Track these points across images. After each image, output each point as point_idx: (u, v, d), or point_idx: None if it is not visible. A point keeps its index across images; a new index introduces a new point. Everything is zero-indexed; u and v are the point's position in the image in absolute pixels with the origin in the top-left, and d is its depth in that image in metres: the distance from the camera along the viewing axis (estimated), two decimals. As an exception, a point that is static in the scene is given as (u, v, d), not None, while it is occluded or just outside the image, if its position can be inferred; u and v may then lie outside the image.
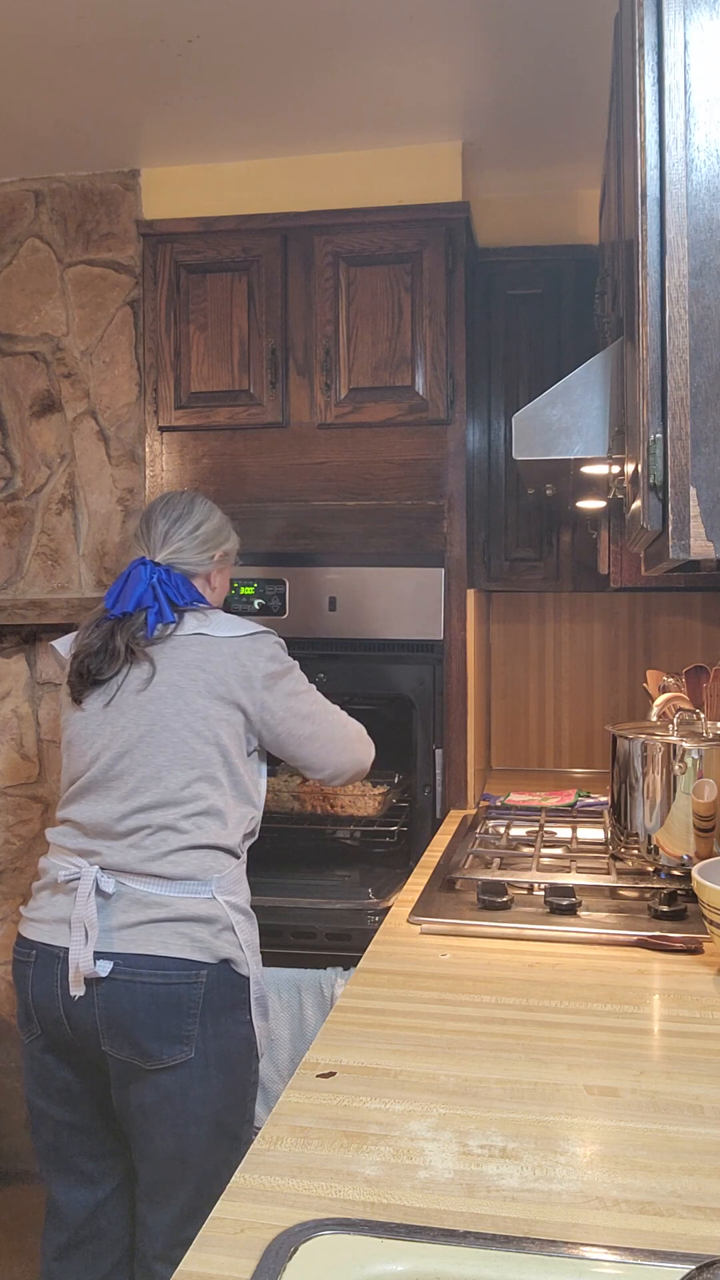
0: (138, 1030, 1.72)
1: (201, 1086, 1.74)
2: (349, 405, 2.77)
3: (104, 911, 1.76)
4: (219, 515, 2.10)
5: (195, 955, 1.75)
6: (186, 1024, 1.73)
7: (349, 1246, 0.89)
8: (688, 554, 1.13)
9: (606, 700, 3.35)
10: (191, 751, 1.84)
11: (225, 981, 1.77)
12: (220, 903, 1.80)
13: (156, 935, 1.74)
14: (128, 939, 1.75)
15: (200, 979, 1.74)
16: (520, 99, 2.57)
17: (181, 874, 1.79)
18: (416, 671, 2.72)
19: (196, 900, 1.78)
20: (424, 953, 1.66)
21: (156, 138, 2.76)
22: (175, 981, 1.73)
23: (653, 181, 1.14)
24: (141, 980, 1.72)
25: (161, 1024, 1.72)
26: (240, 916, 1.84)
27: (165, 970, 1.73)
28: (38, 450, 3.02)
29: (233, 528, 2.13)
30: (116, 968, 1.73)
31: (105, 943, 1.75)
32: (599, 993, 1.48)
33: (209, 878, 1.80)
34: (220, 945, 1.77)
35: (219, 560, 2.08)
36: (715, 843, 1.89)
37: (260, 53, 2.35)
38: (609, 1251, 0.88)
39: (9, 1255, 2.66)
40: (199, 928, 1.76)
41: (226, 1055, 1.77)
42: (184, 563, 2.02)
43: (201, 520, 2.05)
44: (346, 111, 2.62)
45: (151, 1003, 1.72)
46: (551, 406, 1.69)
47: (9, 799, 3.01)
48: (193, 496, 2.09)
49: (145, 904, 1.76)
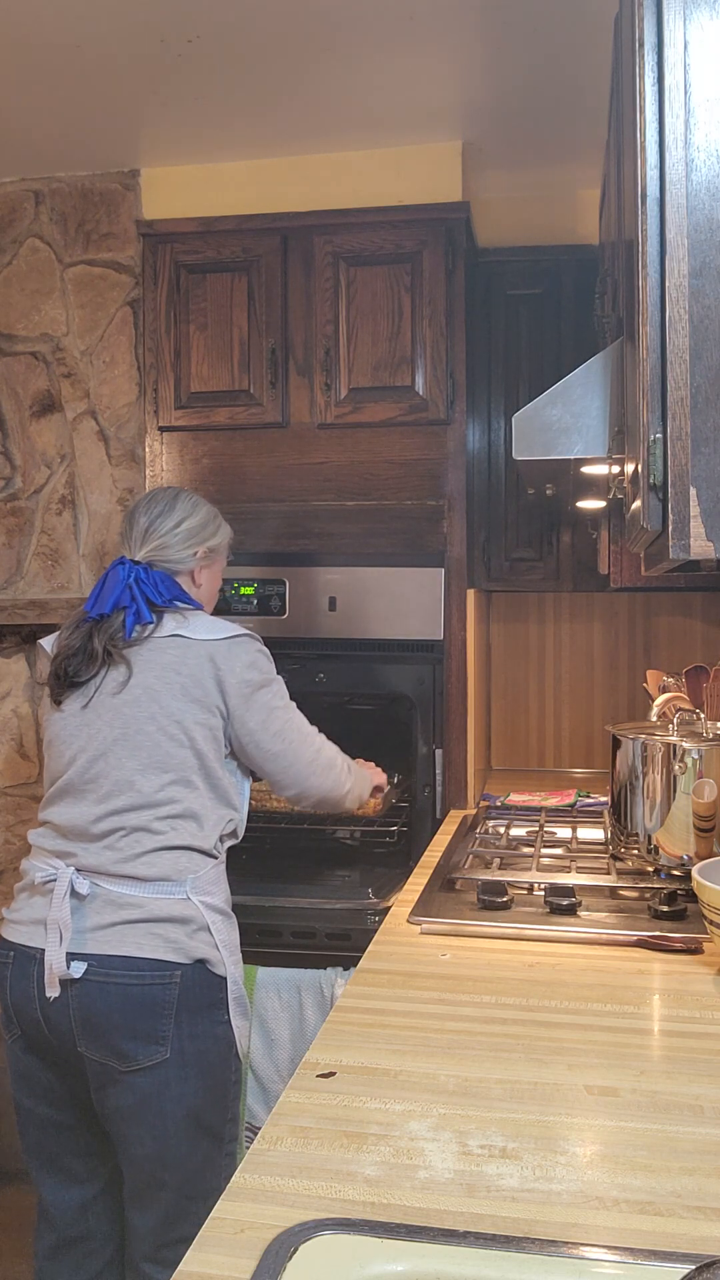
0: (112, 1032, 1.72)
1: (178, 1087, 1.73)
2: (349, 405, 2.77)
3: (79, 913, 1.76)
4: (204, 511, 2.06)
5: (169, 956, 1.74)
6: (161, 1024, 1.73)
7: (349, 1246, 0.89)
8: (688, 554, 1.13)
9: (606, 700, 3.35)
10: (165, 755, 1.83)
11: (201, 982, 1.77)
12: (195, 903, 1.79)
13: (130, 936, 1.74)
14: (102, 940, 1.74)
15: (174, 979, 1.74)
16: (520, 99, 2.57)
17: (155, 875, 1.78)
18: (416, 671, 2.72)
19: (171, 901, 1.78)
20: (424, 953, 1.66)
21: (156, 138, 2.76)
22: (149, 982, 1.72)
23: (653, 181, 1.14)
24: (115, 981, 1.72)
25: (136, 1025, 1.72)
26: (217, 916, 1.83)
27: (139, 971, 1.73)
28: (38, 450, 3.02)
29: (222, 524, 2.09)
30: (90, 969, 1.73)
31: (79, 944, 1.75)
32: (599, 993, 1.48)
33: (183, 878, 1.80)
34: (195, 946, 1.77)
35: (203, 557, 2.04)
36: (715, 843, 1.89)
37: (260, 53, 2.35)
38: (609, 1251, 0.88)
39: (9, 1255, 2.65)
40: (173, 928, 1.76)
41: (204, 1055, 1.77)
42: (165, 560, 1.99)
43: (184, 516, 2.02)
44: (346, 111, 2.62)
45: (126, 1004, 1.72)
46: (551, 406, 1.69)
47: (9, 799, 3.01)
48: (176, 493, 2.06)
49: (119, 905, 1.76)
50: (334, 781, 2.00)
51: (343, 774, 2.03)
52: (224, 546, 2.11)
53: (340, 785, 2.02)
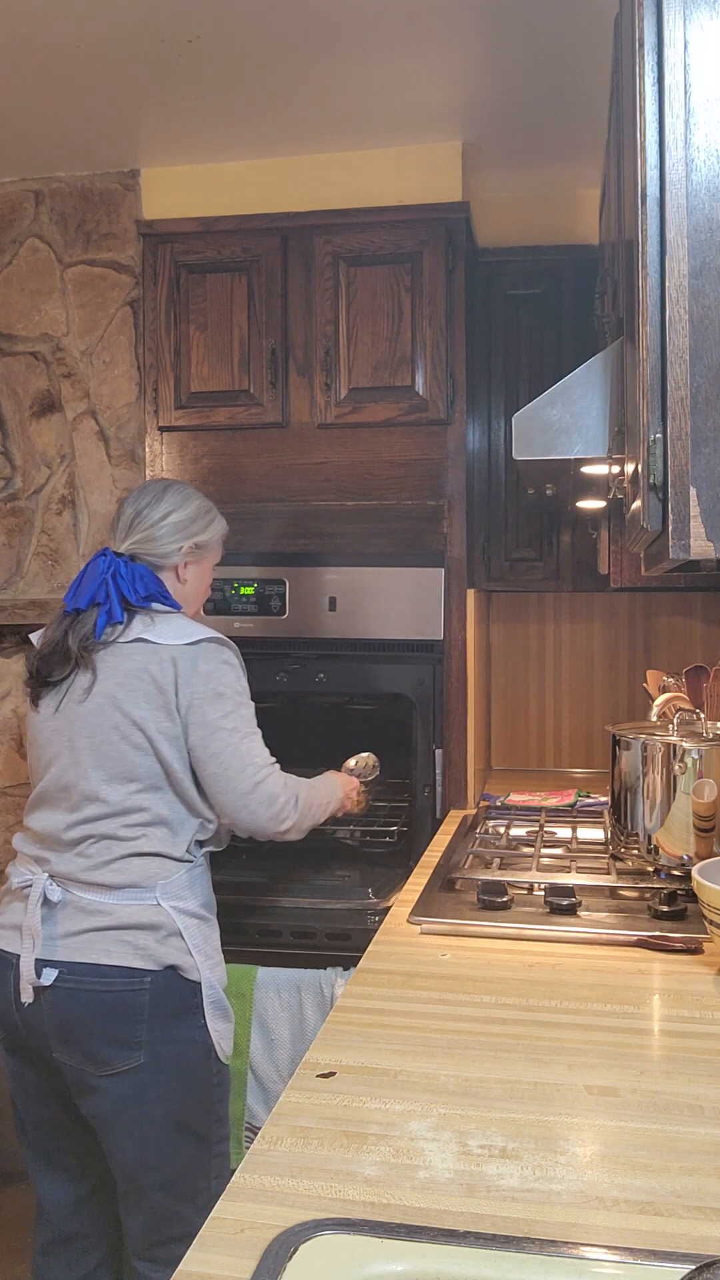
0: (86, 1038, 1.72)
1: (155, 1091, 1.73)
2: (349, 405, 2.77)
3: (50, 920, 1.77)
4: (195, 505, 1.99)
5: (138, 963, 1.74)
6: (134, 1030, 1.72)
7: (349, 1246, 0.89)
8: (688, 554, 1.13)
9: (606, 700, 3.35)
10: (131, 765, 1.80)
11: (173, 988, 1.76)
12: (166, 909, 1.78)
13: (99, 943, 1.74)
14: (71, 947, 1.75)
15: (144, 986, 1.73)
16: (520, 99, 2.57)
17: (123, 882, 1.77)
18: (416, 671, 2.72)
19: (141, 907, 1.77)
20: (424, 953, 1.66)
21: (156, 138, 2.76)
22: (119, 989, 1.72)
23: (653, 181, 1.14)
24: (85, 989, 1.72)
25: (108, 1031, 1.72)
26: (190, 921, 1.81)
27: (108, 978, 1.72)
28: (38, 450, 3.02)
29: (214, 520, 2.03)
30: (61, 975, 1.73)
31: (50, 950, 1.75)
32: (599, 993, 1.48)
33: (152, 884, 1.79)
34: (165, 952, 1.76)
35: (189, 552, 1.97)
36: (715, 843, 1.89)
37: (260, 53, 2.35)
38: (609, 1251, 0.88)
39: (9, 1255, 2.65)
40: (142, 935, 1.75)
41: (181, 1059, 1.76)
42: (148, 554, 1.93)
43: (172, 509, 1.95)
44: (346, 111, 2.62)
45: (97, 1010, 1.72)
46: (551, 406, 1.68)
47: (9, 799, 3.01)
48: (168, 484, 2.00)
49: (89, 912, 1.76)
50: (270, 817, 1.86)
51: (284, 809, 1.88)
52: (215, 543, 2.04)
53: (278, 821, 1.88)
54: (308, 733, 2.81)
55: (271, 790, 1.85)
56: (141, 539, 1.93)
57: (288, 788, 1.89)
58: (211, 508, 2.05)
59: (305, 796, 1.94)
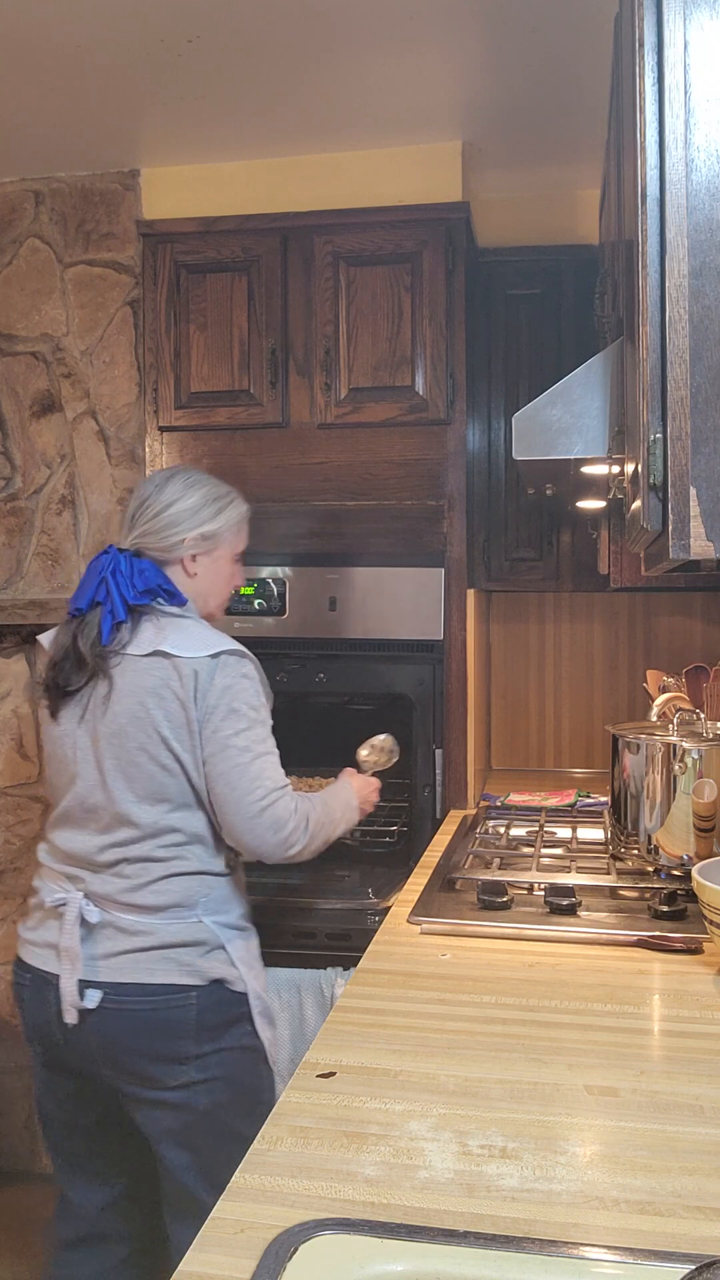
0: (134, 1057, 1.70)
1: (208, 1100, 1.70)
2: (349, 405, 2.77)
3: (90, 940, 1.72)
4: (202, 492, 1.87)
5: (183, 979, 1.71)
6: (183, 1046, 1.69)
7: (349, 1246, 0.89)
8: (688, 554, 1.13)
9: (606, 700, 3.35)
10: (160, 786, 1.74)
11: (220, 1000, 1.73)
12: (208, 925, 1.75)
13: (142, 963, 1.70)
14: (114, 968, 1.71)
15: (191, 1002, 1.70)
16: (520, 99, 2.57)
17: (166, 903, 1.73)
18: (416, 671, 2.72)
19: (183, 925, 1.73)
20: (424, 953, 1.66)
21: (156, 138, 2.76)
22: (164, 1007, 1.69)
23: (653, 181, 1.14)
24: (130, 1009, 1.69)
25: (157, 1048, 1.69)
26: (232, 934, 1.78)
27: (153, 996, 1.69)
28: (38, 450, 3.02)
29: (226, 507, 1.90)
30: (106, 997, 1.69)
31: (92, 971, 1.71)
32: (599, 993, 1.48)
33: (194, 903, 1.75)
34: (210, 966, 1.73)
35: (194, 544, 1.85)
36: (715, 843, 1.89)
37: (260, 53, 2.35)
38: (609, 1251, 0.88)
39: (9, 1255, 2.66)
40: (185, 952, 1.72)
41: (232, 1070, 1.74)
42: (151, 547, 1.84)
43: (175, 498, 1.84)
44: (346, 111, 2.61)
45: (144, 1029, 1.69)
46: (551, 406, 1.68)
47: (9, 799, 3.01)
48: (174, 471, 1.89)
49: (130, 933, 1.72)
50: (276, 843, 1.76)
51: (292, 835, 1.78)
52: (227, 533, 1.90)
53: (285, 847, 1.78)
54: (308, 733, 2.81)
55: (279, 815, 1.75)
56: (143, 531, 1.84)
57: (297, 812, 1.79)
58: (223, 494, 1.91)
59: (317, 817, 1.84)
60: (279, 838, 1.76)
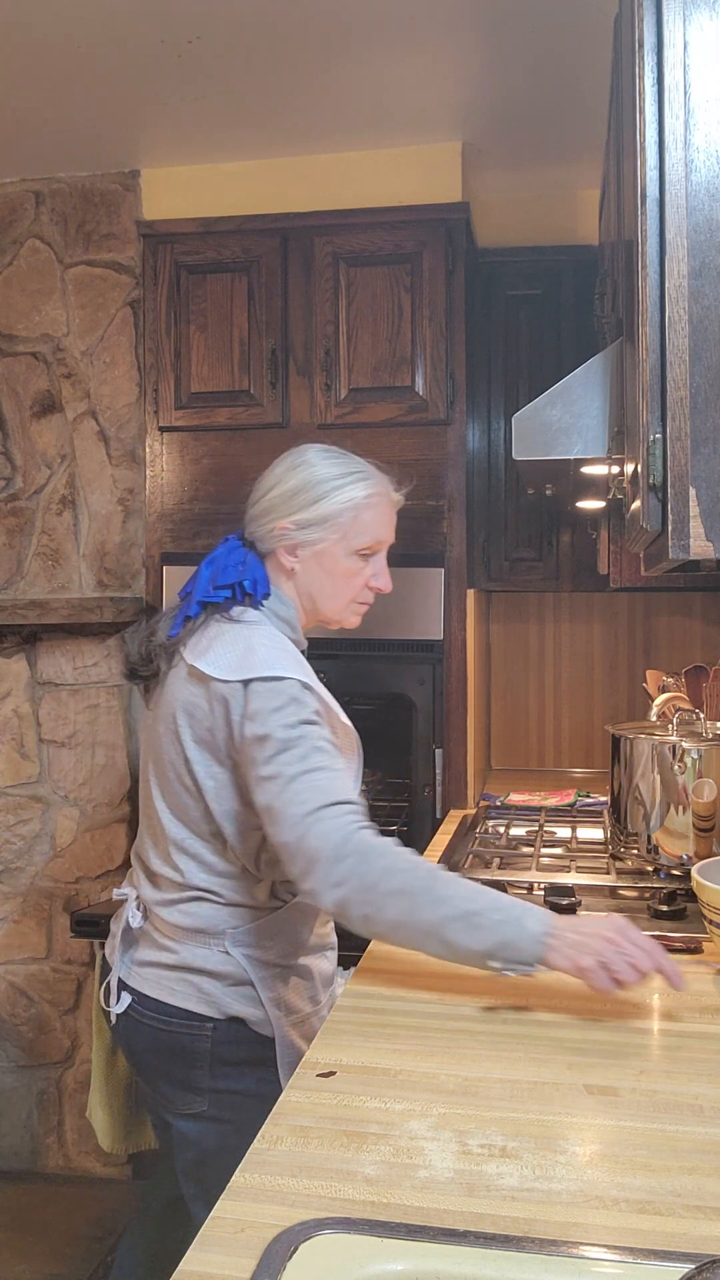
0: (150, 1071, 1.65)
1: (217, 1140, 1.56)
2: (349, 405, 2.77)
3: (132, 944, 1.67)
4: (308, 473, 1.62)
5: (200, 1009, 1.58)
6: (195, 1075, 1.59)
7: (349, 1246, 0.89)
8: (687, 554, 1.13)
9: (606, 700, 3.35)
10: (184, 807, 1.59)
11: (239, 1039, 1.57)
12: (235, 957, 1.57)
13: (165, 980, 1.61)
14: (143, 977, 1.64)
15: (205, 1033, 1.57)
16: (520, 99, 2.57)
17: (190, 926, 1.60)
18: (416, 671, 2.72)
19: (209, 954, 1.58)
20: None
21: (156, 138, 2.76)
22: (179, 1030, 1.58)
23: (653, 182, 1.14)
24: (148, 1023, 1.62)
25: (169, 1070, 1.61)
26: (265, 972, 1.58)
27: (169, 1017, 1.59)
28: (38, 450, 3.02)
29: (334, 491, 1.61)
30: (132, 1005, 1.63)
31: (127, 974, 1.65)
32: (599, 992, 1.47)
33: (220, 933, 1.58)
34: (229, 1002, 1.57)
35: (282, 535, 1.61)
36: (715, 843, 1.89)
37: (260, 53, 2.35)
38: (609, 1251, 0.88)
39: (9, 1255, 2.66)
40: (208, 981, 1.58)
41: (249, 1115, 1.44)
42: (252, 535, 1.65)
43: (276, 481, 1.63)
44: (346, 112, 2.62)
45: (158, 1047, 1.61)
46: (551, 407, 1.69)
47: (9, 799, 3.01)
48: (299, 449, 1.67)
49: (159, 946, 1.63)
50: (315, 886, 1.40)
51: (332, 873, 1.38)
52: (338, 521, 1.61)
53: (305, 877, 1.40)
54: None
55: (310, 847, 1.40)
56: (249, 517, 1.65)
57: (346, 844, 1.38)
58: (343, 474, 1.63)
59: (383, 867, 1.38)
60: (314, 879, 1.39)
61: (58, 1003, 2.99)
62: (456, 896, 1.37)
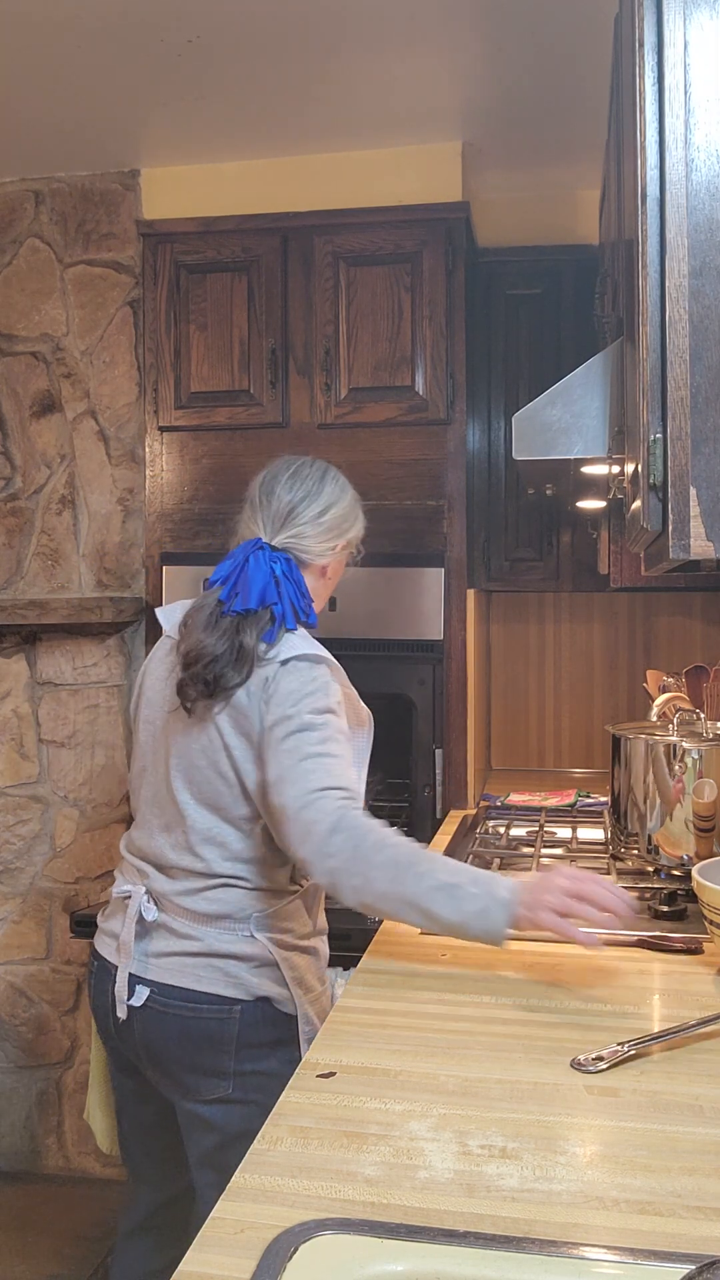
0: (172, 1063, 1.66)
1: (241, 1123, 1.58)
2: (349, 405, 2.77)
3: (145, 937, 1.69)
4: (351, 496, 1.79)
5: (228, 991, 1.63)
6: (221, 1060, 1.64)
7: (349, 1246, 0.89)
8: (688, 554, 1.13)
9: (606, 700, 3.35)
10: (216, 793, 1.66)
11: (265, 1019, 1.65)
12: (261, 941, 1.65)
13: (189, 968, 1.65)
14: (163, 968, 1.67)
15: (234, 1015, 1.63)
16: (520, 99, 2.57)
17: (216, 912, 1.65)
18: (416, 671, 2.72)
19: (234, 938, 1.65)
20: (424, 953, 1.66)
21: (156, 138, 2.76)
22: (207, 1016, 1.63)
23: (653, 181, 1.14)
24: (173, 1012, 1.64)
25: (195, 1058, 1.64)
26: (289, 953, 1.68)
27: (197, 1004, 1.63)
28: (38, 450, 3.02)
29: (360, 511, 1.82)
30: (152, 996, 1.66)
31: (143, 968, 1.67)
32: (599, 993, 1.47)
33: (247, 917, 1.66)
34: (257, 982, 1.64)
35: (340, 551, 1.79)
36: (715, 843, 1.89)
37: (260, 53, 2.35)
38: (609, 1251, 0.88)
39: (9, 1255, 2.66)
40: (234, 964, 1.64)
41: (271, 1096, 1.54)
42: (303, 550, 1.73)
43: (332, 502, 1.75)
44: (346, 112, 2.62)
45: (184, 1035, 1.64)
46: (551, 406, 1.68)
47: (9, 799, 3.01)
48: (325, 469, 1.79)
49: (180, 935, 1.66)
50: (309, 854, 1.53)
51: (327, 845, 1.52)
52: (359, 539, 1.84)
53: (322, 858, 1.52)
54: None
55: (308, 819, 1.53)
56: (297, 534, 1.73)
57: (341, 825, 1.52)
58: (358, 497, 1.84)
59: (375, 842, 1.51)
60: (309, 847, 1.52)
61: (57, 1003, 2.99)
62: (439, 870, 1.51)
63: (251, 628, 1.65)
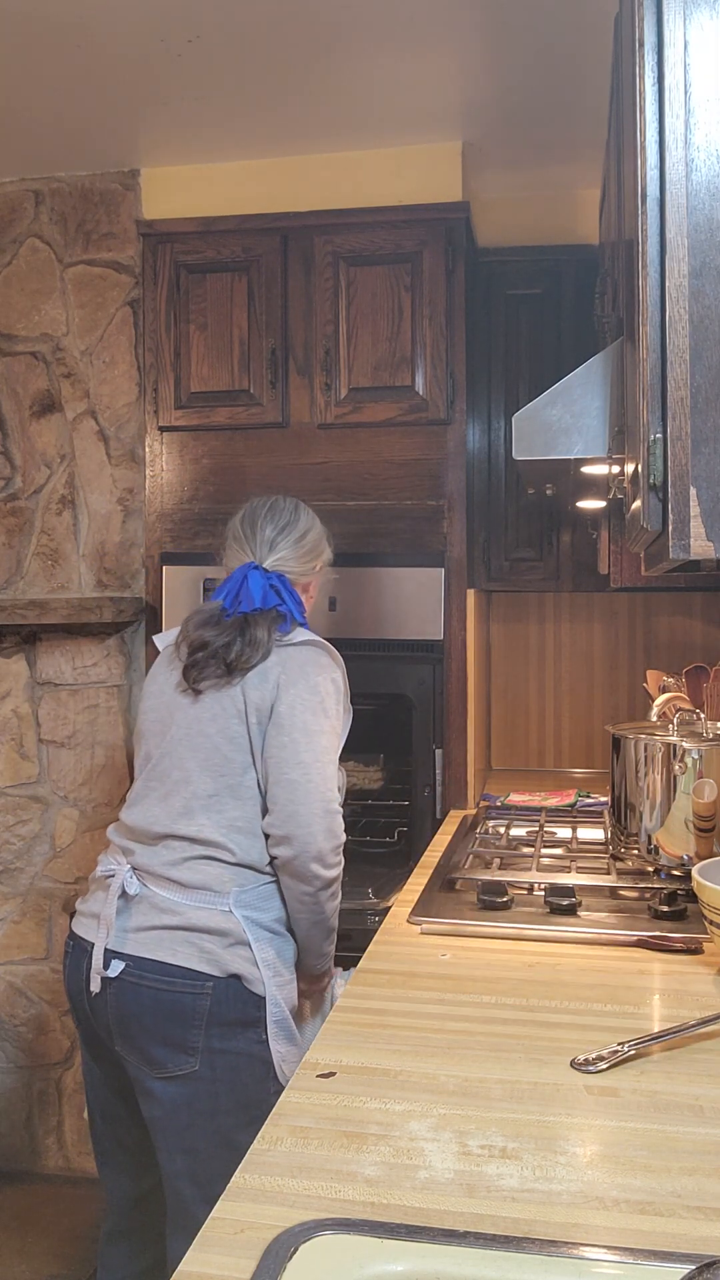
0: (143, 1035, 1.72)
1: (208, 1103, 1.71)
2: (349, 405, 2.77)
3: (125, 912, 1.78)
4: (320, 525, 2.08)
5: (201, 966, 1.73)
6: (190, 1035, 1.71)
7: (349, 1246, 0.89)
8: (688, 554, 1.13)
9: (606, 700, 3.35)
10: (223, 759, 1.83)
11: (235, 997, 1.74)
12: (237, 917, 1.77)
13: (166, 941, 1.74)
14: (140, 942, 1.75)
15: (205, 991, 1.72)
16: (520, 99, 2.57)
17: (197, 882, 1.77)
18: (416, 671, 2.72)
19: (211, 912, 1.76)
20: (424, 953, 1.66)
21: (156, 138, 2.76)
22: (179, 990, 1.72)
23: (653, 181, 1.14)
24: (147, 985, 1.72)
25: (165, 1031, 1.71)
26: (262, 933, 1.79)
27: (170, 977, 1.72)
28: (38, 450, 3.02)
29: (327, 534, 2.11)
30: (127, 969, 1.74)
31: (120, 943, 1.76)
32: (599, 993, 1.47)
33: (226, 890, 1.78)
34: (230, 959, 1.74)
35: (318, 571, 2.08)
36: (715, 843, 1.89)
37: (260, 53, 2.35)
38: (609, 1251, 0.88)
39: (9, 1255, 2.66)
40: (209, 939, 1.75)
41: (236, 1074, 1.74)
42: (289, 571, 1.99)
43: (307, 529, 2.03)
44: (346, 111, 2.62)
45: (156, 1008, 1.71)
46: (551, 406, 1.68)
47: (9, 799, 3.01)
48: (296, 504, 2.07)
49: (161, 909, 1.77)
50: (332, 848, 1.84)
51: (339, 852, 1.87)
52: (330, 561, 2.14)
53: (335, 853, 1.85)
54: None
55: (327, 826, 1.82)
56: (283, 557, 1.99)
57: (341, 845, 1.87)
58: (325, 529, 2.13)
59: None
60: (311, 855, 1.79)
61: (57, 1003, 2.99)
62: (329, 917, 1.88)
63: (260, 622, 1.86)
